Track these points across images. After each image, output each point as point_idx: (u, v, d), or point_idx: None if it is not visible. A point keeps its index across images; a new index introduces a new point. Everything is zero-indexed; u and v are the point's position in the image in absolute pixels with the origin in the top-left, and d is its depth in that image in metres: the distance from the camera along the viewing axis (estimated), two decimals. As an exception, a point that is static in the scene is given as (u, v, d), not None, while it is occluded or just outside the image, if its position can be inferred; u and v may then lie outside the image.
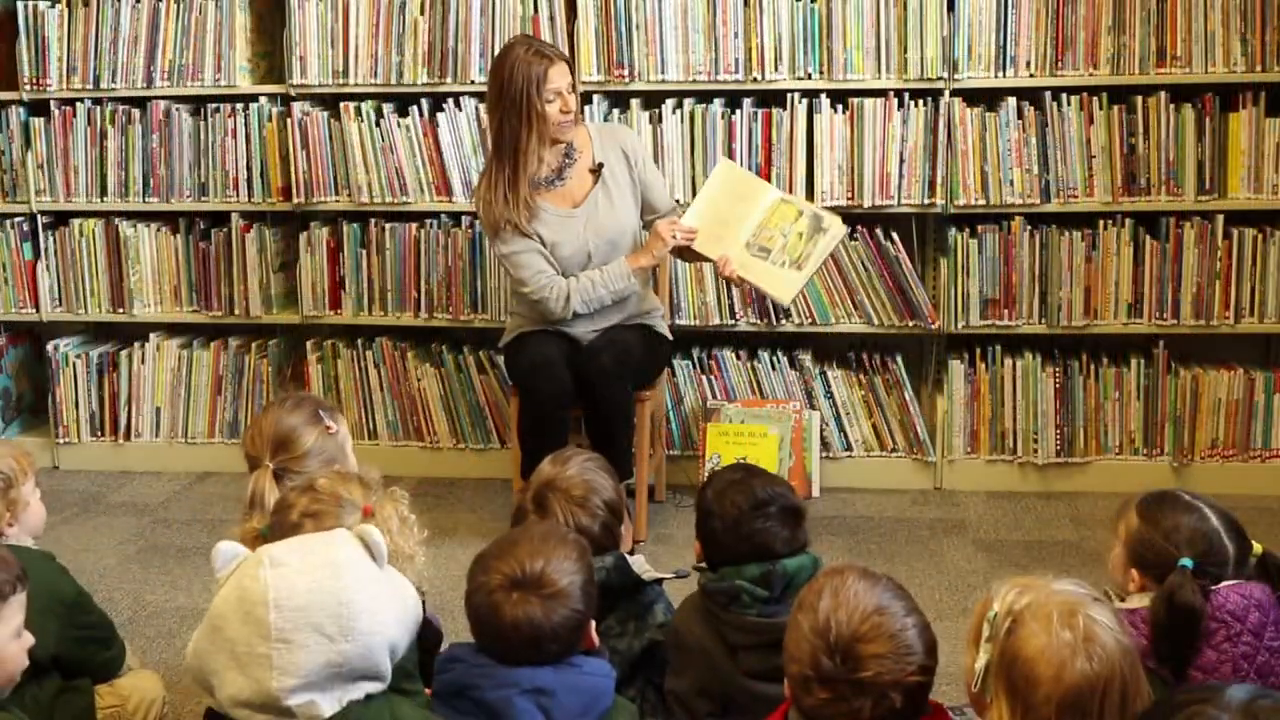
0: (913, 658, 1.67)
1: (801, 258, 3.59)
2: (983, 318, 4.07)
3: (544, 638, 1.92)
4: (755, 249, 3.60)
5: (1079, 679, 1.57)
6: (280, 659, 1.69)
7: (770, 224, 3.60)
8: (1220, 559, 2.05)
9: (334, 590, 1.73)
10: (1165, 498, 2.14)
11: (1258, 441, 4.06)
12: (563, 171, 3.66)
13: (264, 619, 1.70)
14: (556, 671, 1.93)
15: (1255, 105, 3.92)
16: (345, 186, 4.27)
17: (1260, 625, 1.97)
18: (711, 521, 2.31)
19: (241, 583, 1.74)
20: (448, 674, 1.96)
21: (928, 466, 4.17)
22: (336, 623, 1.72)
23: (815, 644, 1.68)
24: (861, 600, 1.69)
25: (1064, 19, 3.93)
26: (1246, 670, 1.96)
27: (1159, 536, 2.08)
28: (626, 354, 3.56)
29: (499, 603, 1.93)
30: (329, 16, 4.19)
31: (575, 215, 3.65)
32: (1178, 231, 3.98)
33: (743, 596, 2.22)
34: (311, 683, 1.71)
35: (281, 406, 2.53)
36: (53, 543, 3.79)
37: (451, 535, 3.84)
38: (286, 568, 1.73)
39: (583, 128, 3.73)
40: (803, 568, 2.25)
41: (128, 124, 4.36)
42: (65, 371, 4.53)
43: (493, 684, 1.91)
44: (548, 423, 3.53)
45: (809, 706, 1.70)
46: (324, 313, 4.38)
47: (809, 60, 4.02)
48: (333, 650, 1.71)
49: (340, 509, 2.17)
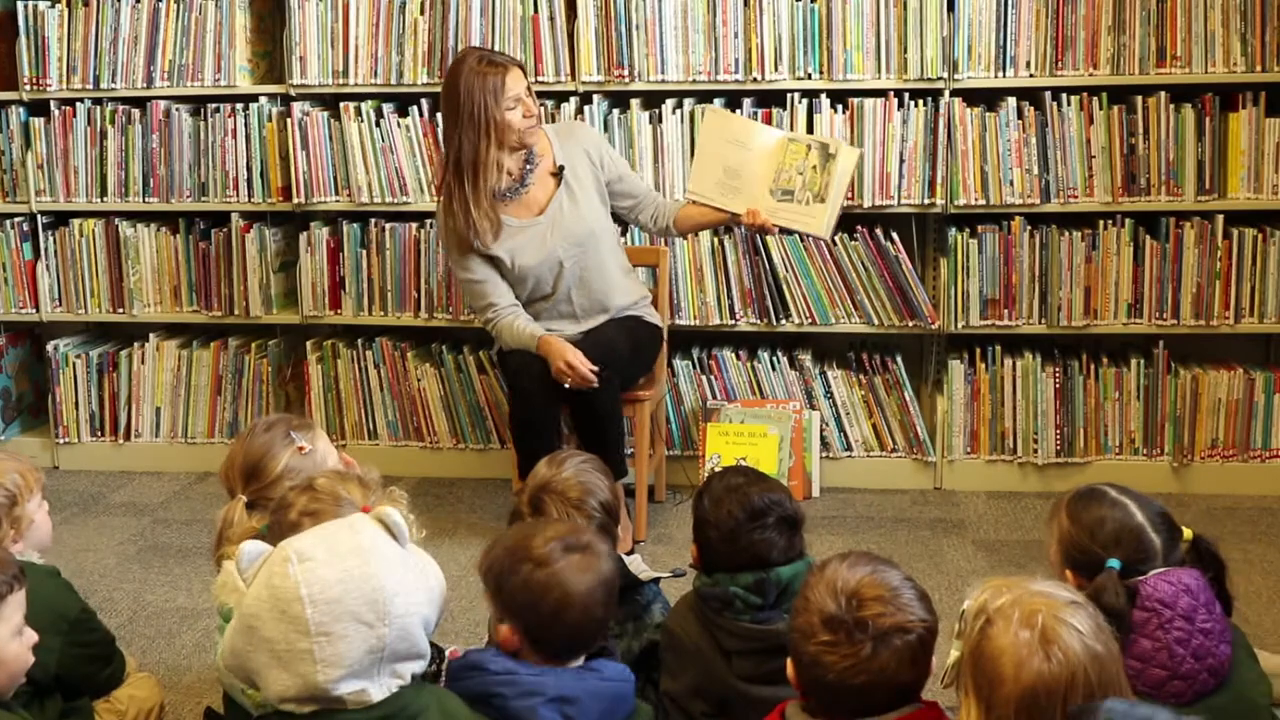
0: (913, 608, 1.74)
1: (821, 189, 3.58)
2: (983, 318, 4.07)
3: (610, 597, 1.97)
4: (779, 194, 3.60)
5: (1034, 679, 1.55)
6: (323, 652, 1.70)
7: (786, 165, 3.60)
8: (1148, 554, 2.06)
9: (365, 577, 1.73)
10: (1091, 495, 2.14)
11: (1258, 441, 4.06)
12: (525, 179, 3.63)
13: (301, 615, 1.70)
14: (579, 678, 1.93)
15: (1255, 105, 3.92)
16: (345, 186, 4.27)
17: (1191, 609, 1.98)
18: (708, 530, 2.30)
19: (271, 582, 1.74)
20: (467, 681, 1.94)
21: (928, 466, 4.17)
22: (373, 609, 1.72)
23: (822, 593, 1.74)
24: (867, 561, 1.79)
25: (1064, 19, 3.93)
26: (1183, 655, 1.96)
27: (1085, 535, 2.09)
28: (611, 354, 3.54)
29: (560, 570, 1.94)
30: (329, 16, 4.19)
31: (539, 223, 3.63)
32: (1178, 231, 3.98)
33: (736, 603, 2.22)
34: (357, 670, 1.72)
35: (252, 434, 2.53)
36: (53, 543, 3.80)
37: (451, 535, 3.85)
38: (313, 561, 1.74)
39: (541, 131, 3.68)
40: (798, 574, 2.23)
41: (128, 124, 4.36)
42: (65, 371, 4.53)
43: (517, 693, 1.90)
44: (538, 422, 3.52)
45: (811, 654, 1.72)
46: (324, 313, 4.38)
47: (809, 60, 4.02)
48: (372, 636, 1.72)
49: (339, 508, 2.17)
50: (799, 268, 4.09)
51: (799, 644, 1.75)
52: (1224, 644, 2.01)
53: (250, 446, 2.50)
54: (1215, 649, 1.99)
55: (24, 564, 2.27)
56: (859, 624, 1.70)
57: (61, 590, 2.47)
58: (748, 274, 4.12)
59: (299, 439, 2.51)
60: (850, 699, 1.72)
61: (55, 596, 2.41)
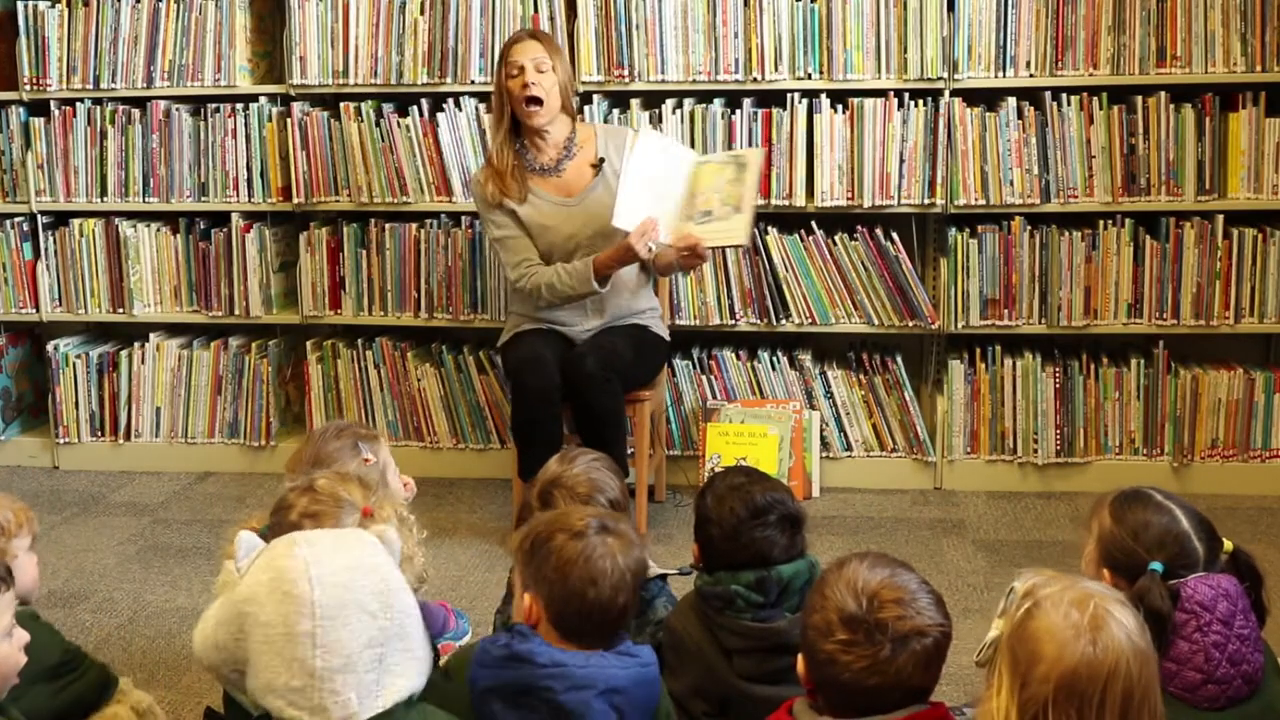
0: (931, 612, 1.73)
1: (739, 200, 3.51)
2: (983, 318, 4.07)
3: (639, 581, 1.97)
4: (698, 216, 3.54)
5: (1078, 661, 1.55)
6: (325, 636, 1.66)
7: (703, 188, 3.56)
8: (1190, 561, 2.05)
9: (373, 566, 1.72)
10: (1137, 497, 2.12)
11: (1258, 441, 4.06)
12: (560, 162, 3.68)
13: (306, 595, 1.66)
14: (623, 666, 1.92)
15: (1255, 105, 3.92)
16: (345, 186, 4.27)
17: (1230, 614, 1.98)
18: (709, 528, 2.30)
19: (275, 564, 1.71)
20: (512, 672, 1.90)
21: (928, 466, 4.17)
22: (379, 598, 1.70)
23: (842, 591, 1.74)
24: (886, 564, 1.79)
25: (1064, 19, 3.93)
26: (1219, 659, 1.96)
27: (1128, 537, 2.07)
28: (614, 356, 3.55)
29: (594, 547, 1.93)
30: (329, 16, 4.19)
31: (569, 204, 3.67)
32: (1178, 231, 3.98)
33: (738, 601, 2.22)
34: (353, 665, 1.67)
35: (323, 437, 2.60)
36: (53, 543, 3.81)
37: (451, 535, 3.85)
38: (321, 545, 1.72)
39: (588, 125, 3.78)
40: (799, 573, 2.24)
41: (128, 124, 4.36)
42: (65, 371, 4.52)
43: (568, 686, 1.88)
44: (538, 420, 3.52)
45: (827, 652, 1.71)
46: (324, 313, 4.38)
47: (809, 60, 4.03)
48: (374, 627, 1.69)
49: (340, 509, 2.17)
50: (799, 268, 4.09)
51: (814, 641, 1.74)
52: (1258, 652, 2.01)
53: (321, 451, 2.55)
54: (1250, 656, 1.99)
55: None
56: (879, 625, 1.70)
57: (45, 634, 2.37)
58: (748, 274, 4.12)
59: (365, 450, 2.57)
60: (862, 699, 1.71)
61: (37, 645, 2.25)
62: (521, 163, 3.68)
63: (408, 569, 2.25)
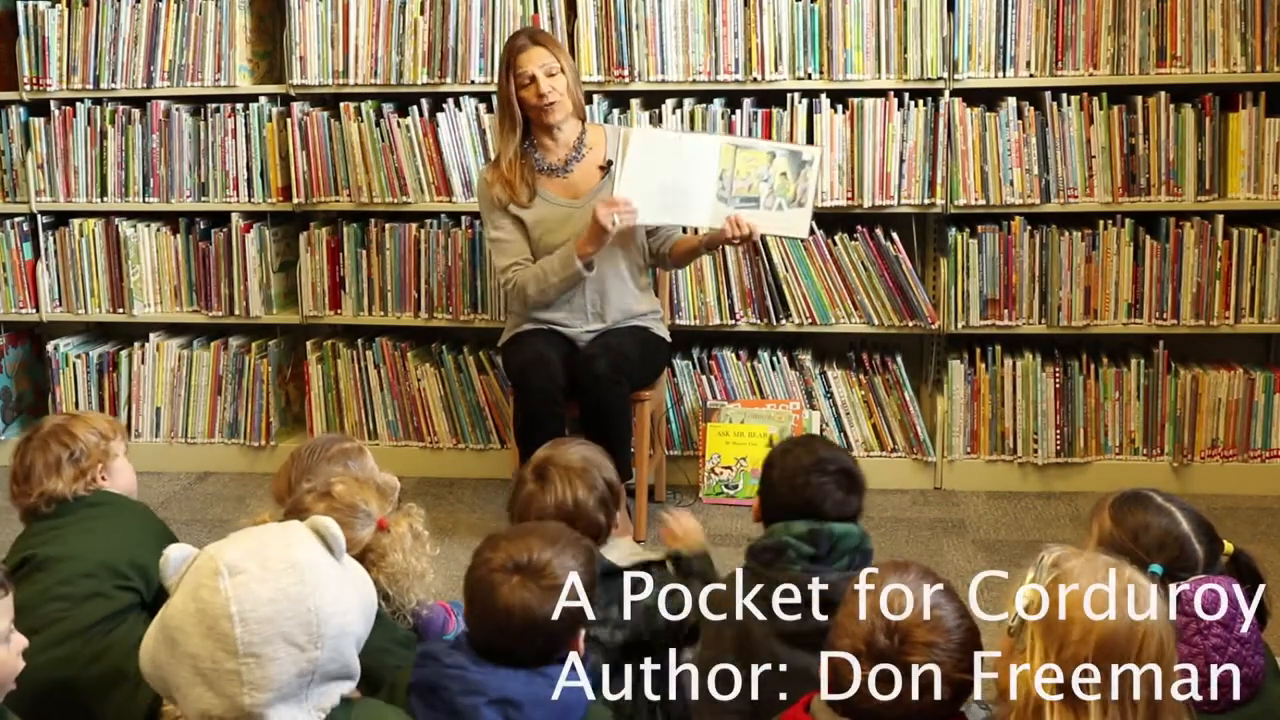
0: (960, 655, 1.71)
1: (798, 194, 3.56)
2: (983, 318, 4.07)
3: (534, 629, 1.90)
4: (736, 201, 3.55)
5: (1119, 621, 1.58)
6: (250, 674, 1.60)
7: (741, 173, 3.56)
8: (1190, 563, 2.05)
9: (299, 597, 1.63)
10: (1137, 499, 2.13)
11: (1258, 441, 4.06)
12: (569, 163, 3.68)
13: (229, 633, 1.60)
14: (527, 682, 1.90)
15: (1255, 105, 3.92)
16: (345, 186, 4.27)
17: (1231, 618, 1.98)
18: (772, 471, 2.38)
19: (199, 594, 1.63)
20: (422, 669, 1.95)
21: (928, 466, 4.17)
22: (306, 631, 1.63)
23: (874, 621, 1.70)
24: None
25: (1064, 19, 3.93)
26: (1219, 662, 1.96)
27: (1128, 539, 2.07)
28: (623, 358, 3.56)
29: (498, 583, 1.92)
30: (329, 16, 4.19)
31: (575, 206, 3.66)
32: (1178, 231, 3.98)
33: (789, 552, 2.25)
34: (285, 693, 1.64)
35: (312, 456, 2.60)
36: (53, 543, 3.80)
37: (451, 535, 3.84)
38: (245, 575, 1.62)
39: (599, 127, 3.77)
40: (849, 533, 2.27)
41: (128, 124, 4.36)
42: (65, 371, 4.52)
43: (462, 689, 1.89)
44: (542, 420, 3.52)
45: (850, 680, 1.70)
46: (324, 313, 4.38)
47: (809, 60, 4.03)
48: (304, 659, 1.64)
49: (355, 519, 2.17)
50: (799, 268, 4.09)
51: (839, 667, 1.72)
52: (1259, 655, 2.01)
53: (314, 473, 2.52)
54: (1251, 658, 1.98)
55: (119, 498, 2.58)
56: (905, 669, 1.68)
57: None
58: (748, 274, 4.12)
59: (355, 469, 2.52)
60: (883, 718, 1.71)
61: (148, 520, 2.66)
62: (530, 163, 3.68)
63: (418, 585, 2.26)
